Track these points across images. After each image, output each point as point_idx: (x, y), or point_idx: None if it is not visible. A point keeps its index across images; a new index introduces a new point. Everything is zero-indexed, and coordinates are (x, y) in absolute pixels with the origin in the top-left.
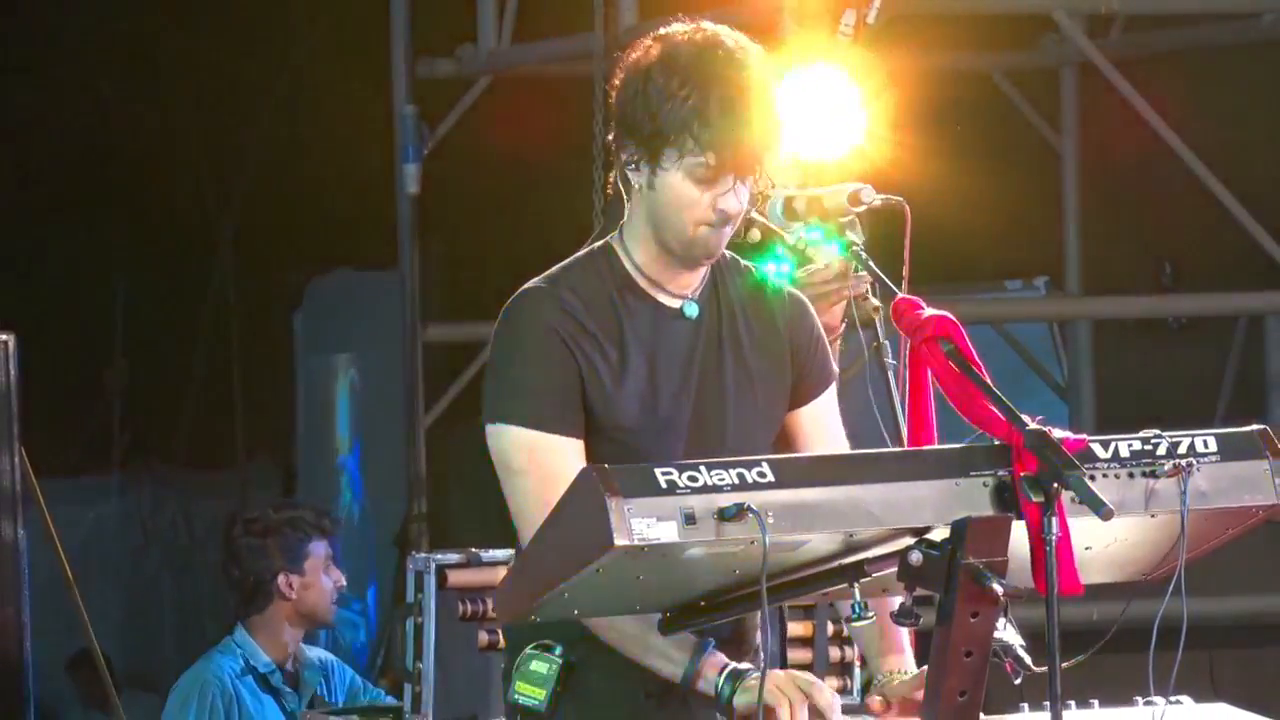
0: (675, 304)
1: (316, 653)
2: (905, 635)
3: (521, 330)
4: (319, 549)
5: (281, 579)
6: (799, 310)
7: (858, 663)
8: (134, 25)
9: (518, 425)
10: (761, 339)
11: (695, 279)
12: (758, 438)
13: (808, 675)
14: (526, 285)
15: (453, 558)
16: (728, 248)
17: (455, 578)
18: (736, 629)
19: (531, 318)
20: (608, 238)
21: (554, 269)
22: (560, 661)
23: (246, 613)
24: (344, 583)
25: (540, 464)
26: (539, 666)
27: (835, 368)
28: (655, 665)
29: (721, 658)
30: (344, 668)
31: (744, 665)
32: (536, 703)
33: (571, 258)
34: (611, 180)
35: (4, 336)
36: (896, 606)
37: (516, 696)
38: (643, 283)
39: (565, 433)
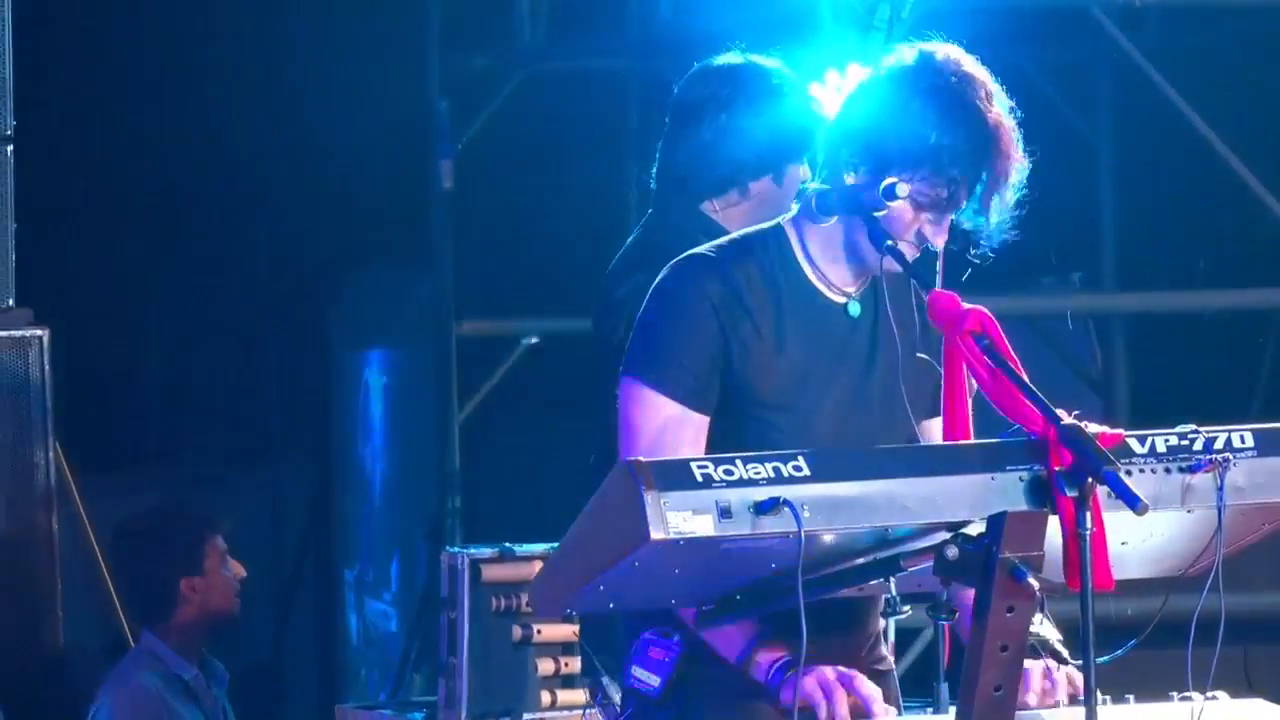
0: (839, 300)
1: (216, 662)
2: None
3: (679, 295)
4: (214, 546)
5: (184, 583)
6: None
7: None
8: (170, 23)
9: (649, 387)
10: (911, 338)
11: (862, 276)
12: (901, 443)
13: (849, 670)
14: (694, 250)
15: (486, 552)
16: None
17: (489, 572)
18: (855, 617)
19: (692, 285)
20: (781, 219)
21: (723, 239)
22: (678, 649)
23: (152, 621)
24: (244, 573)
25: (657, 429)
26: (657, 652)
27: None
28: (716, 644)
29: (779, 648)
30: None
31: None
32: (652, 688)
33: (742, 232)
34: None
35: (38, 332)
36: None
37: (633, 680)
38: (810, 273)
39: (693, 406)
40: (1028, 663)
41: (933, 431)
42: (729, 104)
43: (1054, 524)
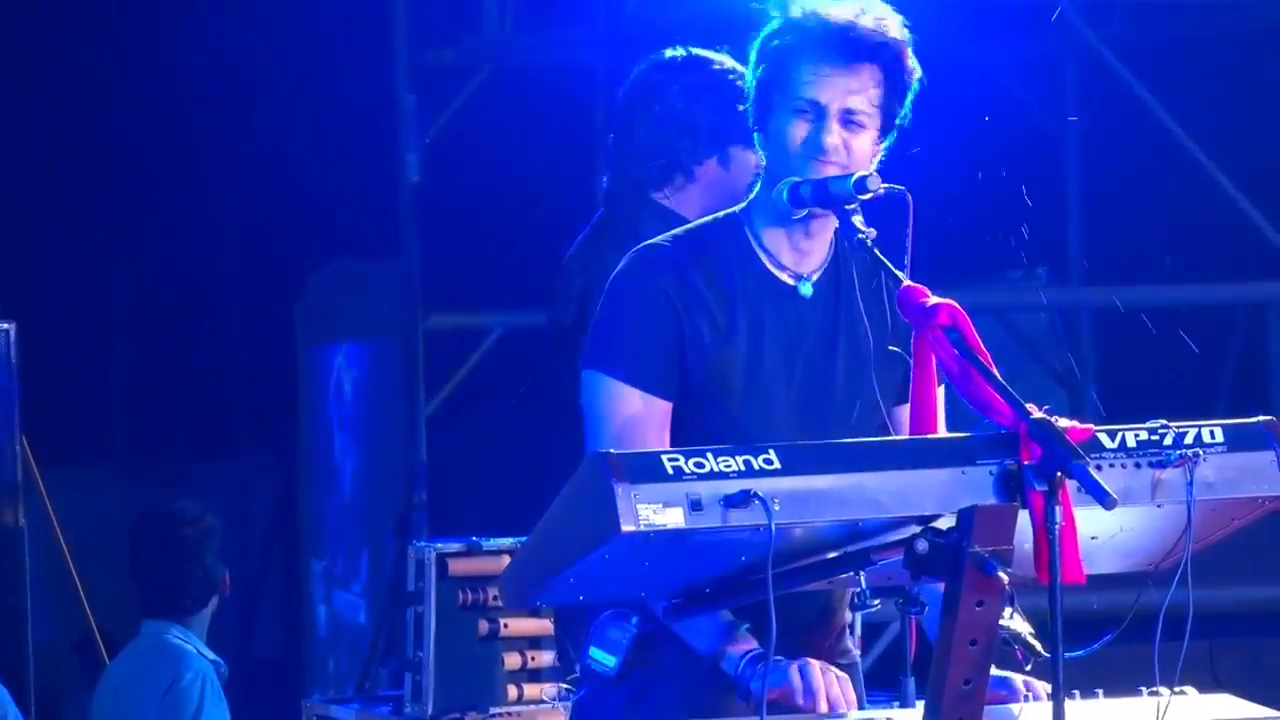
0: (791, 282)
1: None
2: None
3: (635, 287)
4: None
5: (226, 575)
6: None
7: None
8: (135, 19)
9: (611, 376)
10: (881, 329)
11: (816, 259)
12: (869, 427)
13: (827, 668)
14: (649, 242)
15: (454, 546)
16: None
17: (456, 566)
18: (821, 609)
19: (646, 275)
20: (737, 208)
21: (680, 229)
22: (635, 631)
23: (182, 613)
24: None
25: (622, 416)
26: (614, 633)
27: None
28: (687, 638)
29: (749, 641)
30: None
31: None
32: (608, 668)
33: (700, 220)
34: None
35: (4, 326)
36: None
37: (590, 661)
38: (763, 256)
39: (655, 392)
40: (1009, 674)
41: (902, 418)
42: (665, 91)
43: (1024, 518)
